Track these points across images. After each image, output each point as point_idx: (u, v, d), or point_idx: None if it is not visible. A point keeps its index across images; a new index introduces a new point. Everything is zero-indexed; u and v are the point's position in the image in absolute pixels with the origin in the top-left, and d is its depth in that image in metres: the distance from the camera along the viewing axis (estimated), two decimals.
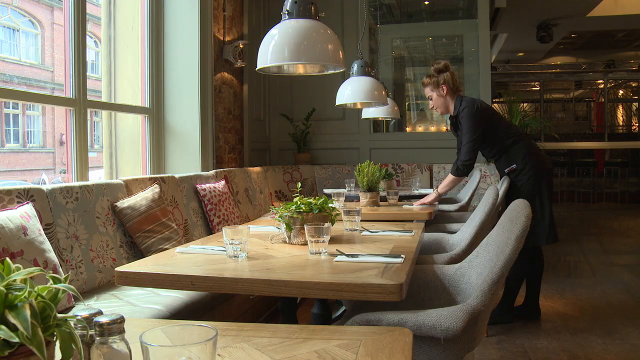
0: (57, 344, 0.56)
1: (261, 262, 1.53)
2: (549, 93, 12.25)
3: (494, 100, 5.42)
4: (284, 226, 1.81)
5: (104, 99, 3.49)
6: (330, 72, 1.91)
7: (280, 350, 0.79)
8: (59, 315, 0.57)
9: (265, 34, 1.77)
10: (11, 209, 1.84)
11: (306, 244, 1.77)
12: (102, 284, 2.24)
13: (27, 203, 1.94)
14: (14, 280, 0.55)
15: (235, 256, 1.56)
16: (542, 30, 7.49)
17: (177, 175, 3.08)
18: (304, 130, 5.08)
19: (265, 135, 5.20)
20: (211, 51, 3.90)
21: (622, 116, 12.34)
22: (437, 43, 6.95)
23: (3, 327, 0.49)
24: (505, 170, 3.11)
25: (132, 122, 3.69)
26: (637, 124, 12.22)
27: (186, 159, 3.81)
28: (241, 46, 4.29)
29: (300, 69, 1.96)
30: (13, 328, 0.51)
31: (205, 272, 1.38)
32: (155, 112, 3.73)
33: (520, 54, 10.29)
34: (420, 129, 7.32)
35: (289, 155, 5.23)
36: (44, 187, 2.10)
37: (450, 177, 3.01)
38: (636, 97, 12.22)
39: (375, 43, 5.71)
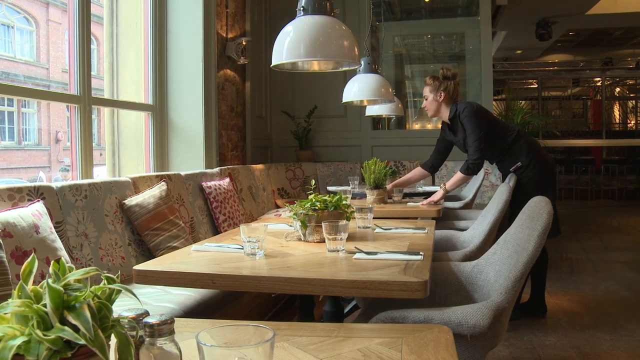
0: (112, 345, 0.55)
1: (279, 260, 1.51)
2: (546, 91, 12.29)
3: (493, 98, 5.43)
4: (299, 224, 1.80)
5: (106, 96, 3.46)
6: (345, 68, 1.90)
7: (323, 349, 0.78)
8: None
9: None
10: (23, 207, 1.82)
11: (322, 242, 1.76)
12: None
13: (38, 201, 1.92)
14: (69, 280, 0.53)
15: (252, 254, 1.55)
16: (541, 28, 7.50)
17: (182, 173, 3.06)
18: (305, 128, 5.07)
19: (267, 132, 5.18)
20: (214, 48, 3.88)
21: (619, 114, 12.41)
22: (435, 41, 6.95)
23: (67, 328, 0.48)
24: (511, 170, 3.11)
25: (135, 119, 3.66)
26: (633, 122, 12.29)
27: (189, 156, 3.79)
28: (244, 43, 4.27)
29: (315, 66, 1.95)
30: (73, 329, 0.49)
31: (224, 271, 1.37)
32: (159, 109, 3.71)
33: (519, 51, 10.31)
34: (417, 126, 7.32)
35: (290, 152, 5.21)
36: (54, 185, 2.08)
37: (459, 175, 3.00)
38: (633, 95, 12.29)
39: (376, 41, 5.70)
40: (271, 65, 1.79)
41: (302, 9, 1.76)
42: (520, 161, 3.06)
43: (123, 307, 0.67)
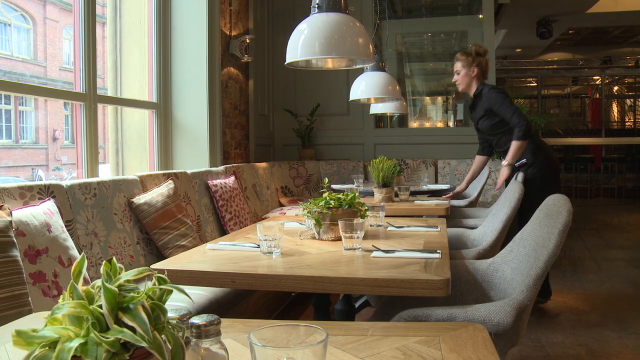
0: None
1: (296, 258, 1.50)
2: (545, 89, 12.32)
3: None
4: (313, 222, 1.79)
5: (109, 93, 3.44)
6: (359, 65, 1.89)
7: (361, 349, 0.77)
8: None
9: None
10: (34, 205, 1.80)
11: (336, 240, 1.76)
12: None
13: (49, 199, 1.90)
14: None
15: (269, 252, 1.54)
16: (542, 26, 7.51)
17: (189, 171, 3.05)
18: (308, 126, 5.06)
19: (269, 130, 5.17)
20: (218, 46, 3.86)
21: (617, 112, 12.44)
22: (435, 39, 6.94)
23: (126, 329, 0.47)
24: (516, 165, 3.14)
25: (139, 117, 3.64)
26: (630, 120, 12.32)
27: (194, 154, 3.77)
28: (247, 41, 4.25)
29: (329, 63, 1.94)
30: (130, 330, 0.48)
31: (244, 269, 1.36)
32: (163, 107, 3.69)
33: (518, 50, 10.32)
34: (415, 124, 7.33)
35: (292, 150, 5.20)
36: (63, 183, 2.07)
37: (516, 143, 2.99)
38: (632, 93, 12.32)
39: (378, 39, 5.69)
40: (285, 63, 1.78)
41: (316, 6, 1.75)
42: (526, 158, 3.11)
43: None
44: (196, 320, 0.60)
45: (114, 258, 0.54)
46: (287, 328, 0.60)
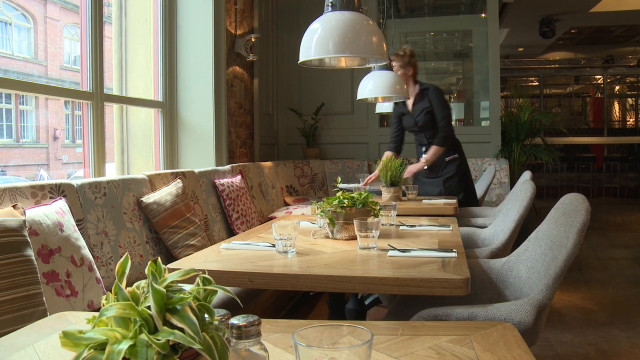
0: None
1: (312, 257, 1.50)
2: (547, 88, 12.31)
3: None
4: (327, 221, 1.79)
5: (114, 92, 3.43)
6: (371, 64, 1.88)
7: (393, 348, 0.76)
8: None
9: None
10: (46, 205, 1.80)
11: (350, 239, 1.75)
12: (131, 281, 2.20)
13: (60, 198, 1.90)
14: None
15: (284, 252, 1.53)
16: (544, 26, 7.50)
17: (196, 170, 3.04)
18: (312, 125, 5.05)
19: (274, 129, 5.16)
20: (224, 44, 3.85)
21: (619, 111, 12.43)
22: (437, 38, 6.94)
23: (177, 331, 0.46)
24: (446, 159, 3.42)
25: (144, 116, 3.63)
26: (632, 119, 12.31)
27: (199, 153, 3.76)
28: (253, 40, 4.24)
29: (342, 62, 1.93)
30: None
31: (261, 269, 1.36)
32: (169, 106, 3.68)
33: (520, 49, 10.31)
34: None
35: (296, 149, 5.19)
36: (74, 182, 2.06)
37: (438, 149, 3.29)
38: (634, 93, 12.31)
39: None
40: (298, 62, 1.77)
41: (330, 4, 1.74)
42: (457, 153, 3.43)
43: None
44: (236, 320, 0.60)
45: (159, 258, 0.54)
46: (329, 328, 0.59)
